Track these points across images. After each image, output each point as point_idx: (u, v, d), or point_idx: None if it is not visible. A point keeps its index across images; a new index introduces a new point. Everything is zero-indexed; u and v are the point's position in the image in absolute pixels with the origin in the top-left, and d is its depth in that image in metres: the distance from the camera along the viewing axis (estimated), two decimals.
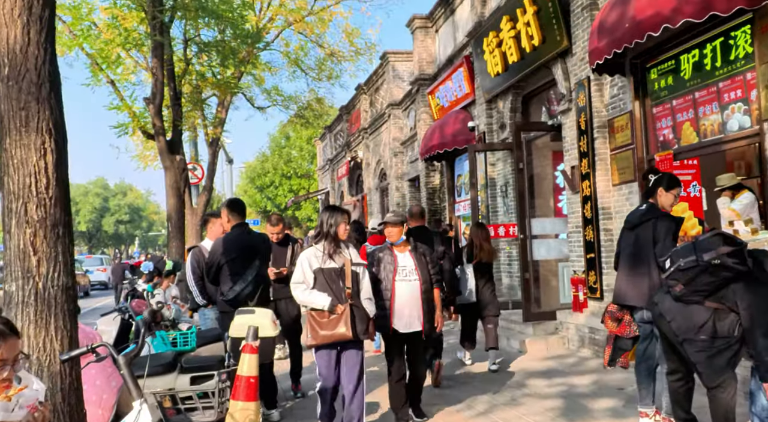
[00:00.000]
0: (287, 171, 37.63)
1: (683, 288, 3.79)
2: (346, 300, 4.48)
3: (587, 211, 8.07)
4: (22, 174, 3.46)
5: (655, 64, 7.11)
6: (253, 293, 5.11)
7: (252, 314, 4.54)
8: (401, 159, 17.52)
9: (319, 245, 4.60)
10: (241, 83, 18.01)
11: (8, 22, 3.51)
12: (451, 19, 13.85)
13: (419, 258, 5.14)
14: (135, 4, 11.29)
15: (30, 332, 3.40)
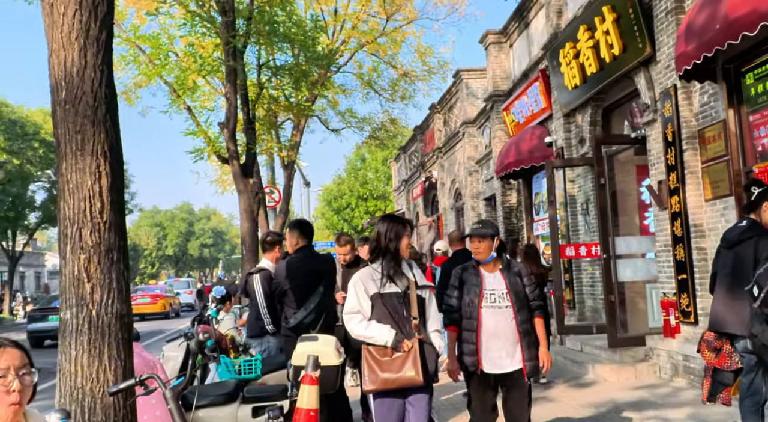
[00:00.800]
0: (363, 193, 37.82)
1: None
2: (413, 334, 3.65)
3: (677, 228, 7.46)
4: (77, 199, 3.39)
5: (752, 68, 6.51)
6: (315, 322, 4.89)
7: (315, 341, 4.31)
8: (476, 178, 17.13)
9: (375, 264, 3.79)
10: (315, 106, 18.21)
11: (66, 45, 3.48)
12: (525, 33, 13.45)
13: (512, 280, 4.13)
14: (211, 31, 11.55)
15: (84, 362, 3.30)
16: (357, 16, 18.50)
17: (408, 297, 3.70)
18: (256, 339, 5.97)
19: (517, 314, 4.04)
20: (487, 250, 4.10)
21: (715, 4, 5.74)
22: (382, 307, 3.70)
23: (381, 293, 3.70)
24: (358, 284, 3.77)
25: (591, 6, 9.19)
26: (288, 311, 5.07)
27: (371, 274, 3.78)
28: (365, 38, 18.71)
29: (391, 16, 18.93)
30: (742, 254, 4.04)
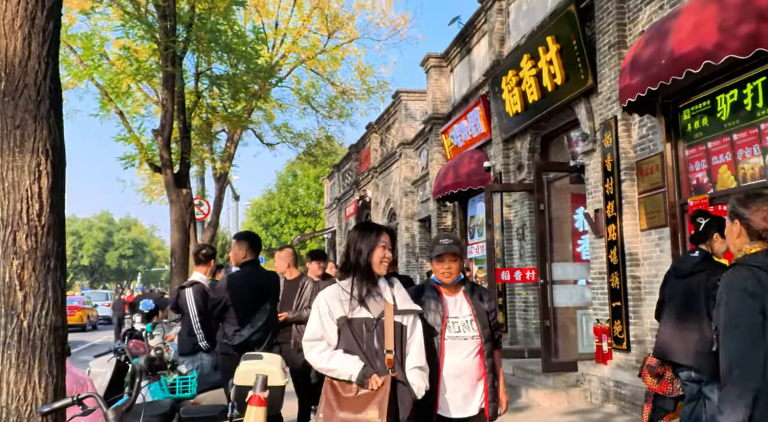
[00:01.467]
0: (293, 209, 37.37)
1: None
2: (387, 370, 3.03)
3: (613, 256, 7.65)
4: (12, 199, 3.09)
5: (689, 105, 6.79)
6: (262, 340, 4.67)
7: (260, 360, 4.11)
8: (412, 199, 17.19)
9: (344, 281, 3.18)
10: (252, 119, 17.89)
11: (8, 32, 3.19)
12: (467, 58, 13.68)
13: (477, 304, 3.51)
14: (148, 35, 11.15)
15: (10, 378, 2.99)
16: (298, 31, 18.39)
17: (382, 325, 3.07)
18: (188, 356, 5.67)
19: (484, 346, 3.42)
20: (457, 271, 3.47)
21: (662, 39, 5.96)
22: (350, 335, 3.08)
23: (349, 319, 3.08)
24: (323, 305, 3.14)
25: (535, 35, 9.43)
26: (228, 328, 4.82)
27: (339, 293, 3.15)
28: (305, 54, 18.61)
29: (333, 34, 18.93)
30: (693, 286, 3.99)
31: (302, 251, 37.70)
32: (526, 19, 10.57)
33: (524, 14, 10.74)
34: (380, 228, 3.25)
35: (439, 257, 3.46)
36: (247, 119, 15.48)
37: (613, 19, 7.69)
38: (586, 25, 8.34)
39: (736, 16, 5.24)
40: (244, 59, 12.62)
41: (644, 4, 7.32)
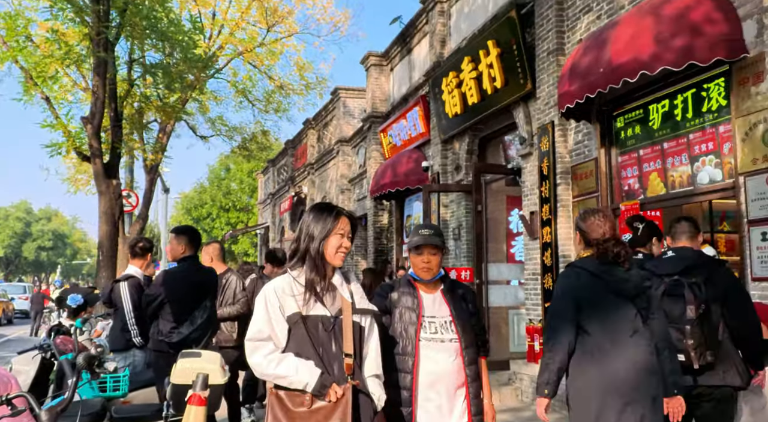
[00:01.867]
0: (226, 204, 36.65)
1: None
2: (346, 378, 2.61)
3: (547, 258, 7.85)
4: None
5: (623, 113, 7.04)
6: (201, 338, 4.53)
7: (198, 358, 3.98)
8: (348, 196, 17.15)
9: (296, 271, 2.72)
10: (186, 110, 17.40)
11: None
12: (407, 58, 13.74)
13: (458, 304, 3.17)
14: (78, 18, 10.65)
15: None
16: (236, 22, 17.99)
17: (340, 325, 2.65)
18: (120, 352, 5.45)
19: (464, 352, 3.07)
20: (437, 265, 3.13)
21: (600, 48, 6.15)
22: (303, 336, 2.61)
23: (304, 316, 2.63)
24: (272, 298, 2.64)
25: (476, 39, 9.56)
26: (164, 326, 4.66)
27: (289, 286, 2.67)
28: (243, 46, 18.23)
29: (272, 28, 18.62)
30: None
31: (234, 247, 37.05)
32: (468, 22, 10.71)
33: (466, 17, 10.88)
34: (339, 211, 2.75)
35: (417, 248, 3.11)
36: (182, 110, 15.05)
37: (552, 26, 7.88)
38: (526, 31, 8.52)
39: (670, 29, 5.46)
40: (180, 48, 12.24)
41: (582, 13, 7.54)
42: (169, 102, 14.08)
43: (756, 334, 3.63)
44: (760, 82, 5.16)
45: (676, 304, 3.55)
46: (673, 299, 3.56)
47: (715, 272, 3.64)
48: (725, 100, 5.66)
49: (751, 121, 5.26)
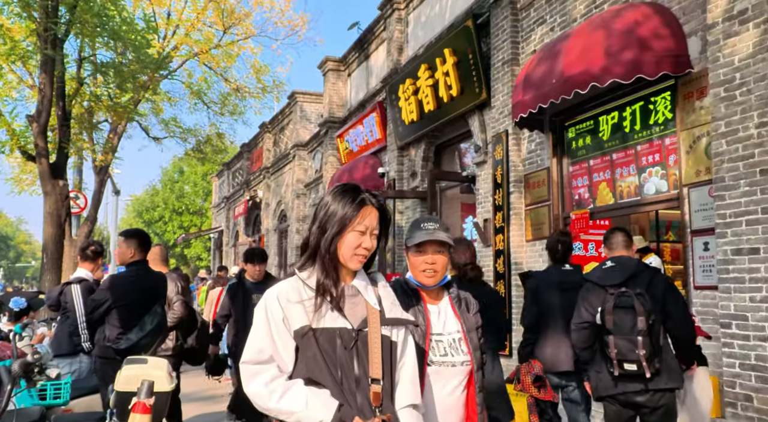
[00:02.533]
0: (179, 207, 35.98)
1: None
2: (374, 412, 1.97)
3: (500, 265, 7.94)
4: None
5: (574, 123, 7.19)
6: (150, 345, 4.41)
7: (144, 364, 3.88)
8: (304, 201, 17.05)
9: (305, 272, 2.09)
10: (138, 110, 17.03)
11: None
12: (365, 64, 13.76)
13: (465, 316, 2.51)
14: (25, 14, 10.32)
15: None
16: (192, 23, 17.71)
17: (364, 340, 2.02)
18: (66, 357, 5.28)
19: (475, 376, 2.44)
20: (444, 269, 2.47)
21: (553, 60, 6.26)
22: (315, 355, 1.98)
23: (315, 329, 1.99)
24: (274, 308, 2.01)
25: (433, 47, 9.64)
26: (111, 331, 4.52)
27: (300, 291, 2.05)
28: (199, 47, 17.95)
29: (228, 29, 18.39)
30: (572, 299, 4.12)
31: (186, 251, 36.37)
32: (425, 30, 10.79)
33: (423, 25, 10.96)
34: (363, 199, 2.07)
35: (419, 246, 2.45)
36: (134, 111, 14.71)
37: (507, 37, 8.00)
38: (482, 41, 8.63)
39: (620, 43, 5.60)
40: (132, 48, 11.98)
41: (536, 25, 7.68)
42: (120, 102, 13.75)
43: (692, 333, 3.86)
44: (703, 96, 5.34)
45: (626, 316, 3.65)
46: (624, 310, 3.66)
47: (654, 278, 3.81)
48: (671, 114, 5.83)
49: (695, 134, 5.43)
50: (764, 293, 4.47)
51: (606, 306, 3.70)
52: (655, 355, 3.62)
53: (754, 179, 4.57)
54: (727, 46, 4.81)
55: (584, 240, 7.22)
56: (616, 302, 3.67)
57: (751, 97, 4.61)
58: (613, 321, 3.66)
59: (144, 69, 12.58)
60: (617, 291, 3.71)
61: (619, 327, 3.63)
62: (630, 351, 3.59)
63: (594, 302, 3.82)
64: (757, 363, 4.50)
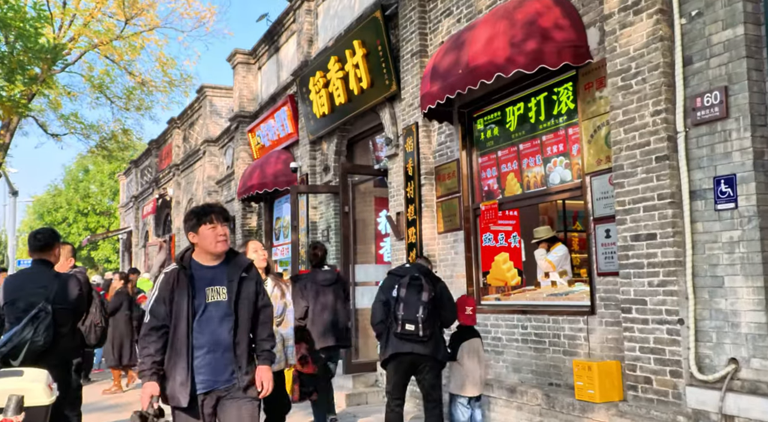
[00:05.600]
0: (84, 207, 34.27)
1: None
2: None
3: (412, 258, 7.88)
4: None
5: (482, 115, 7.21)
6: (18, 352, 4.03)
7: (18, 377, 3.54)
8: (215, 198, 16.51)
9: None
10: (33, 105, 16.01)
11: None
12: (275, 57, 13.44)
13: None
14: None
15: None
16: (91, 13, 16.80)
17: None
18: None
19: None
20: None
21: (459, 50, 6.24)
22: None
23: None
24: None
25: (343, 39, 9.48)
26: None
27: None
28: (99, 38, 17.07)
29: (131, 20, 17.59)
30: (330, 292, 6.45)
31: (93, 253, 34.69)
32: (335, 22, 10.62)
33: (332, 17, 10.78)
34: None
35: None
36: (26, 106, 13.79)
37: (415, 28, 7.94)
38: (391, 32, 8.54)
39: (522, 34, 5.63)
40: (21, 38, 11.18)
41: (444, 16, 7.66)
42: (10, 96, 12.84)
43: (454, 318, 5.45)
44: (602, 86, 5.44)
45: (415, 290, 5.18)
46: (414, 287, 5.19)
47: (437, 281, 5.39)
48: (573, 104, 5.93)
49: (596, 123, 5.53)
50: (662, 277, 4.59)
51: (402, 281, 5.22)
52: (428, 324, 5.06)
53: (651, 166, 4.68)
54: (622, 36, 4.90)
55: (494, 231, 7.28)
56: (409, 282, 5.20)
57: (646, 86, 4.72)
58: (406, 293, 5.14)
59: (35, 60, 11.78)
60: (411, 275, 5.26)
61: (408, 298, 5.13)
62: (412, 314, 5.05)
63: (389, 286, 5.33)
64: (655, 346, 4.62)
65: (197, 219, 3.51)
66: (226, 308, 3.47)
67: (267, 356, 3.64)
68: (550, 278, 6.97)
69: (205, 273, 3.53)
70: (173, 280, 3.46)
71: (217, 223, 3.51)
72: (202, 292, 3.46)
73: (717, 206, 4.33)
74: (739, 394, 4.12)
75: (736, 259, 4.20)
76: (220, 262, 3.58)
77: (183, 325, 3.39)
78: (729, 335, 4.24)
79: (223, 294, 3.49)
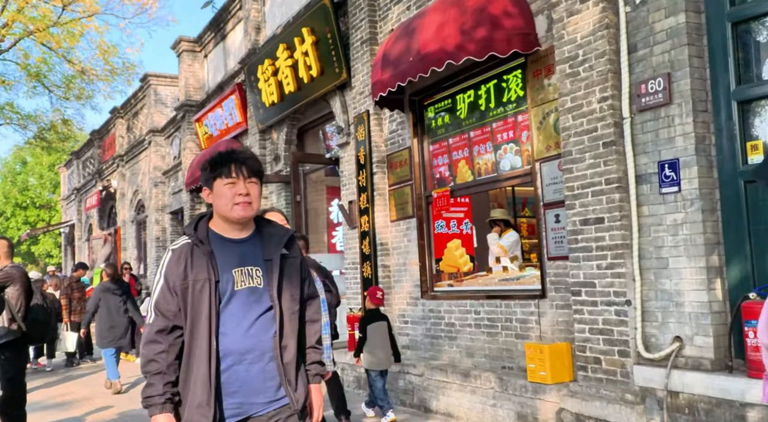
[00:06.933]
0: (23, 201, 33.00)
1: None
2: None
3: (365, 247, 7.89)
4: None
5: (432, 103, 7.24)
6: None
7: None
8: (162, 190, 16.15)
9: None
10: None
11: None
12: (222, 45, 13.18)
13: None
14: None
15: None
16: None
17: None
18: None
19: None
20: None
21: (409, 38, 6.23)
22: None
23: None
24: None
25: (291, 26, 9.36)
26: None
27: None
28: (35, 25, 16.40)
29: (68, 6, 16.94)
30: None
31: (33, 248, 33.50)
32: (283, 9, 10.46)
33: (280, 4, 10.62)
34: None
35: None
36: None
37: (365, 15, 7.90)
38: (340, 20, 8.48)
39: (472, 21, 5.66)
40: None
41: (393, 3, 7.63)
42: None
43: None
44: (551, 74, 5.52)
45: None
46: None
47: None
48: (522, 91, 6.00)
49: (544, 110, 5.62)
50: (609, 260, 4.71)
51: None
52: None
53: (598, 151, 4.79)
54: (570, 23, 4.98)
55: (446, 218, 7.34)
56: None
57: (593, 73, 4.81)
58: None
59: None
60: None
61: None
62: None
63: None
64: (604, 327, 4.75)
65: (211, 170, 2.44)
66: (264, 298, 2.43)
67: (317, 369, 2.61)
68: (501, 264, 7.08)
69: (230, 249, 2.46)
70: (186, 259, 2.40)
71: (239, 178, 2.41)
72: (228, 275, 2.41)
73: (661, 189, 4.46)
74: (683, 371, 4.27)
75: (680, 241, 4.35)
76: (249, 233, 2.52)
77: (203, 324, 2.35)
78: (674, 314, 4.39)
79: (258, 278, 2.44)
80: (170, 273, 2.40)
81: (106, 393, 8.61)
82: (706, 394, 4.09)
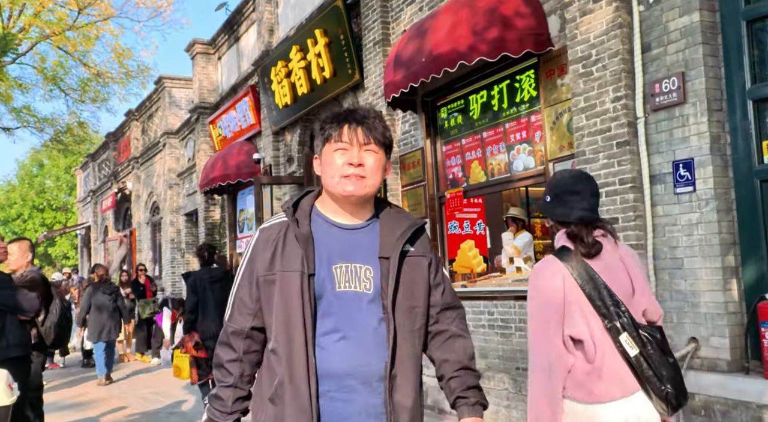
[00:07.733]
0: (39, 203, 33.36)
1: None
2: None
3: None
4: None
5: (445, 103, 7.23)
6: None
7: None
8: (177, 192, 16.26)
9: None
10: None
11: None
12: (235, 47, 13.25)
13: None
14: None
15: None
16: (41, 2, 16.29)
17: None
18: None
19: None
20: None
21: (421, 39, 6.24)
22: None
23: None
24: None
25: (304, 28, 9.39)
26: None
27: None
28: (51, 29, 16.57)
29: (84, 9, 17.09)
30: (219, 289, 6.87)
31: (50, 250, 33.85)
32: (296, 11, 10.50)
33: (293, 5, 10.66)
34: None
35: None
36: None
37: (377, 16, 7.91)
38: (353, 21, 8.49)
39: (485, 22, 5.65)
40: None
41: (406, 4, 7.64)
42: None
43: None
44: (564, 74, 5.50)
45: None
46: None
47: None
48: (535, 91, 5.98)
49: (558, 110, 5.60)
50: None
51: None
52: None
53: (612, 151, 4.76)
54: (583, 23, 4.96)
55: (459, 219, 7.33)
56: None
57: (606, 72, 4.79)
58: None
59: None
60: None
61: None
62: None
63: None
64: None
65: (322, 132, 1.90)
66: (373, 308, 1.85)
67: (476, 397, 2.00)
68: (515, 265, 7.05)
69: (335, 237, 1.89)
70: (276, 243, 1.86)
71: (352, 143, 1.84)
72: (327, 272, 1.84)
73: (676, 189, 4.43)
74: (699, 372, 4.24)
75: (695, 241, 4.32)
76: (365, 220, 1.93)
77: (295, 329, 1.80)
78: (689, 315, 4.36)
79: (368, 281, 1.85)
80: (255, 259, 1.88)
81: (123, 394, 8.69)
82: (723, 396, 4.06)
